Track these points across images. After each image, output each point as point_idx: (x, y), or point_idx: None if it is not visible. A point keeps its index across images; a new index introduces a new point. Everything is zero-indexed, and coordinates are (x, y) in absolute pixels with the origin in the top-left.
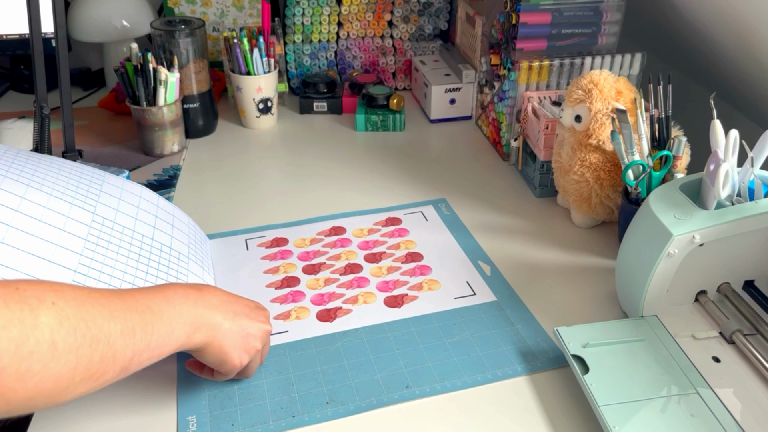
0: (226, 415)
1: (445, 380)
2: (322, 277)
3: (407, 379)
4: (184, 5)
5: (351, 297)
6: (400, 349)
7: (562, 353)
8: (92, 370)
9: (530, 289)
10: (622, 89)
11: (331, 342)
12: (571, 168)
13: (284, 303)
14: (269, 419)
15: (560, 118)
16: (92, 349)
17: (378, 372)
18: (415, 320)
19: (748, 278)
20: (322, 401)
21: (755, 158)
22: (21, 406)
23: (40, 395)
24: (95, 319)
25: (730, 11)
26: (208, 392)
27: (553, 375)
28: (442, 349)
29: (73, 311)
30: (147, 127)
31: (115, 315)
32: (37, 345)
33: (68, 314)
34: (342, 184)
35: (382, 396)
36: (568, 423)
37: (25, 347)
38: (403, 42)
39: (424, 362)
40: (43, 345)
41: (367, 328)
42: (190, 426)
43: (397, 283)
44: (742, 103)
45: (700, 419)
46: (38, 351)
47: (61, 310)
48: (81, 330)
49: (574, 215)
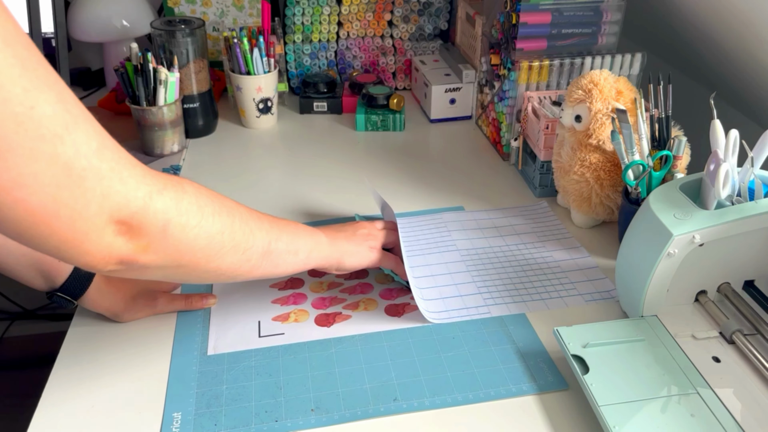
0: (211, 414)
1: (435, 396)
2: (326, 281)
3: (396, 391)
4: (184, 5)
5: (352, 303)
6: (394, 360)
7: (562, 376)
8: (236, 239)
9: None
10: (622, 89)
11: (325, 347)
12: (572, 168)
13: (285, 305)
14: (252, 422)
15: (560, 118)
16: (231, 217)
17: (368, 382)
18: (413, 331)
19: (748, 278)
20: (307, 408)
21: (755, 158)
22: (187, 261)
23: (200, 251)
24: (224, 200)
25: (731, 10)
26: (197, 390)
27: (550, 398)
28: (436, 363)
29: (206, 191)
30: (147, 126)
31: (240, 206)
32: (189, 205)
33: (203, 191)
34: (342, 184)
35: (368, 407)
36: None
37: (181, 205)
38: (403, 42)
39: (416, 375)
40: (193, 205)
41: (363, 336)
42: (174, 422)
43: (401, 291)
44: (742, 103)
45: (700, 419)
46: (190, 210)
47: (198, 187)
48: (217, 202)
49: (575, 215)
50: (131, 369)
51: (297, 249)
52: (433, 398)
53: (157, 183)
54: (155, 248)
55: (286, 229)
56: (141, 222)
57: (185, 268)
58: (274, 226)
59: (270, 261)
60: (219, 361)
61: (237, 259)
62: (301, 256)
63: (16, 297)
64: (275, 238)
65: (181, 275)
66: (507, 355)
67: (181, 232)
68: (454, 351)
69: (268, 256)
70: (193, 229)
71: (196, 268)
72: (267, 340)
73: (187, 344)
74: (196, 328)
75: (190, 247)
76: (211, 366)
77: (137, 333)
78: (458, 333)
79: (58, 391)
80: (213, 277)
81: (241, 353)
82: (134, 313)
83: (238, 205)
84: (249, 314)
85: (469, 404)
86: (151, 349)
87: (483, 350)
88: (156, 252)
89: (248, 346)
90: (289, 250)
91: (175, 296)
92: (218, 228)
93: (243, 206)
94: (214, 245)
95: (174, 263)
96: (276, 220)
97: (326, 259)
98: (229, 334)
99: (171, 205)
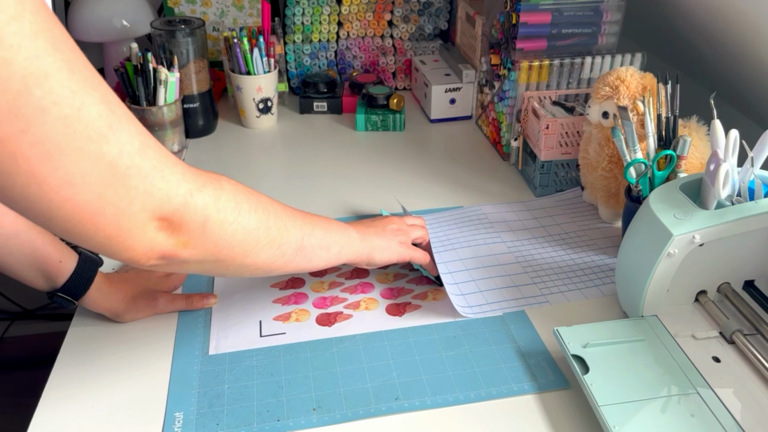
0: (213, 413)
1: (437, 395)
2: (327, 280)
3: (398, 390)
4: (184, 5)
5: (353, 302)
6: (395, 359)
7: (563, 374)
8: (272, 234)
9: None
10: (647, 85)
11: (326, 347)
12: (599, 164)
13: (286, 304)
14: (254, 421)
15: (587, 115)
16: (267, 214)
17: (369, 381)
18: (414, 330)
19: (748, 278)
20: (308, 407)
21: (755, 158)
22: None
23: (237, 246)
24: (260, 197)
25: (732, 10)
26: (199, 390)
27: (551, 398)
28: (438, 362)
29: (243, 187)
30: (147, 126)
31: (275, 202)
32: (227, 202)
33: (240, 188)
34: (342, 184)
35: (370, 406)
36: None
37: (220, 202)
38: (403, 42)
39: (417, 374)
40: (230, 202)
41: (364, 335)
42: (177, 422)
43: (402, 290)
44: (742, 103)
45: (700, 419)
46: (227, 206)
47: (235, 184)
48: (253, 198)
49: (602, 211)
50: (132, 369)
51: (329, 244)
52: (435, 397)
53: (197, 180)
54: (195, 243)
55: (318, 224)
56: (182, 218)
57: (223, 263)
58: (307, 222)
59: (303, 256)
60: (220, 361)
61: (272, 254)
62: (333, 252)
63: (16, 297)
64: (308, 234)
65: (218, 269)
66: (508, 354)
67: (219, 228)
68: (455, 350)
69: (301, 251)
70: (231, 225)
71: (233, 262)
72: (268, 339)
73: (188, 344)
74: (198, 328)
75: (228, 243)
76: (213, 366)
77: (138, 333)
78: (459, 332)
79: (58, 391)
80: (249, 271)
81: (242, 353)
82: (135, 313)
83: (272, 201)
84: (250, 314)
85: (471, 403)
86: (153, 349)
87: (484, 349)
88: (195, 247)
89: (250, 346)
90: (321, 245)
91: (176, 296)
92: (255, 224)
93: (277, 202)
94: (250, 241)
95: (212, 258)
96: (309, 216)
97: (357, 255)
98: (231, 334)
99: (210, 201)
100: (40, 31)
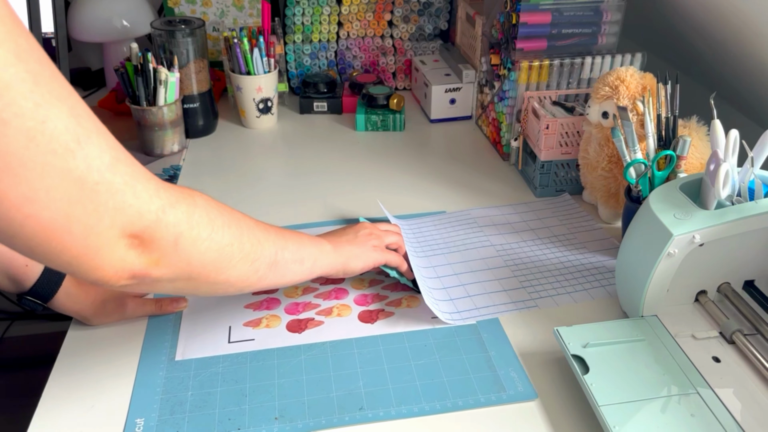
0: (174, 420)
1: (402, 405)
2: (301, 285)
3: (363, 400)
4: (184, 5)
5: (326, 308)
6: (363, 368)
7: (532, 386)
8: (245, 250)
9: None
10: (647, 85)
11: (295, 354)
12: (599, 164)
13: (258, 309)
14: (215, 429)
15: (587, 115)
16: (240, 229)
17: (335, 390)
18: (385, 338)
19: (748, 278)
20: (270, 416)
21: (755, 158)
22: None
23: (210, 263)
24: (232, 212)
25: (731, 10)
26: (162, 396)
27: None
28: (406, 372)
29: (215, 203)
30: (147, 126)
31: (247, 217)
32: (200, 217)
33: (213, 204)
34: (342, 184)
35: (333, 416)
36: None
37: (193, 218)
38: (403, 42)
39: (384, 384)
40: (203, 218)
41: (334, 343)
42: (137, 429)
43: (376, 297)
44: (742, 103)
45: (700, 419)
46: (201, 222)
47: (208, 199)
48: (226, 214)
49: (602, 211)
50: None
51: (302, 258)
52: (400, 407)
53: (170, 197)
54: (167, 262)
55: (291, 238)
56: (153, 235)
57: (195, 281)
58: (280, 237)
59: (277, 271)
60: (186, 367)
61: (246, 270)
62: (307, 265)
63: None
64: (281, 248)
65: (191, 288)
66: (478, 364)
67: (192, 245)
68: (424, 359)
69: (275, 266)
70: (204, 242)
71: (206, 280)
72: (236, 345)
73: (155, 349)
74: (167, 333)
75: (201, 260)
76: (178, 372)
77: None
78: (430, 341)
79: (58, 391)
80: (222, 289)
81: (209, 359)
82: (103, 317)
83: (244, 216)
84: (220, 319)
85: (436, 414)
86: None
87: (454, 358)
88: (167, 265)
89: (216, 352)
90: (294, 259)
91: (146, 300)
92: (228, 240)
93: (249, 217)
94: (224, 257)
95: (185, 276)
96: (280, 231)
97: (331, 266)
98: (198, 340)
99: (183, 218)
100: (2, 41)
